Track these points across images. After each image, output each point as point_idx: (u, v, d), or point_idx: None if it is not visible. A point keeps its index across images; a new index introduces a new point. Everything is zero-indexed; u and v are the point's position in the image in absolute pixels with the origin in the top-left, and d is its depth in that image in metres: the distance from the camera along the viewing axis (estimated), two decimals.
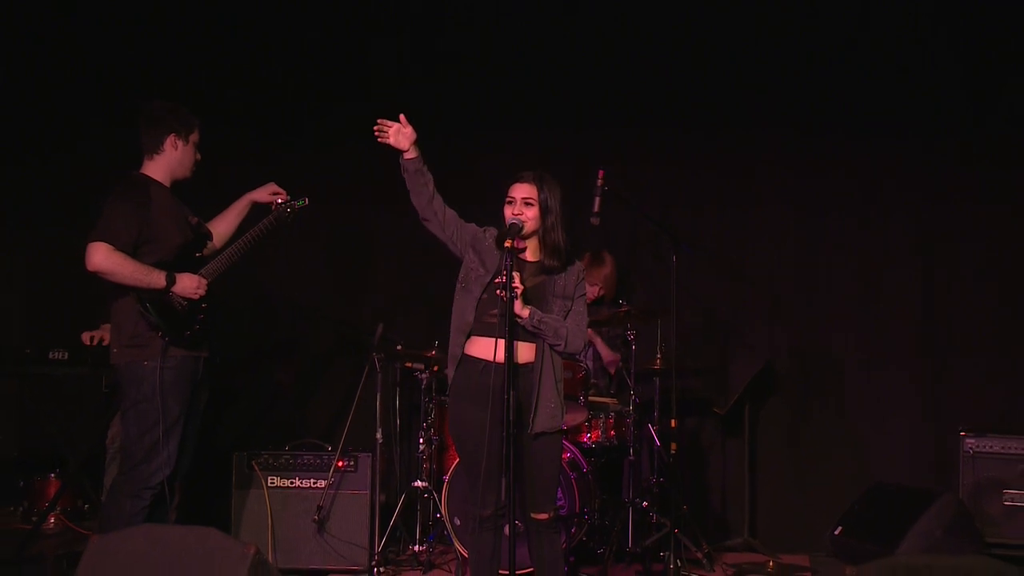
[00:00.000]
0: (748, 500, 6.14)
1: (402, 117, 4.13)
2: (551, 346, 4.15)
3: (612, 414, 5.63)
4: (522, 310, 4.04)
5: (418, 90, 6.28)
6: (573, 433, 5.48)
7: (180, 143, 4.63)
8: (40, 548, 5.51)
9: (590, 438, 5.55)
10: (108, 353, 4.62)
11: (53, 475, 6.06)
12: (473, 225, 4.26)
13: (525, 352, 4.13)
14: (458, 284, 4.23)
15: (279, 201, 4.82)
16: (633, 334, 5.68)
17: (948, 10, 6.05)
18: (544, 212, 4.15)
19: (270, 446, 5.55)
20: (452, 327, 4.22)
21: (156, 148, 4.61)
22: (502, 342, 3.99)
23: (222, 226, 4.85)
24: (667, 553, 5.24)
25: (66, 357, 5.40)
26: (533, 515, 4.18)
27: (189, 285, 4.52)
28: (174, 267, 4.50)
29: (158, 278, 4.44)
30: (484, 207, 4.38)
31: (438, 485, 5.45)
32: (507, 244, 4.02)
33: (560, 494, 4.96)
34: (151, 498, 4.46)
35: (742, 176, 6.30)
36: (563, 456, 4.66)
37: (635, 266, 6.34)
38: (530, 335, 4.12)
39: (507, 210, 4.17)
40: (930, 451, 6.03)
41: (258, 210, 4.88)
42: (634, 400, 5.60)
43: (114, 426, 5.42)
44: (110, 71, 6.45)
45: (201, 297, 4.56)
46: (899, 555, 4.67)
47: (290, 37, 6.50)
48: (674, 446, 5.42)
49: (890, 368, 6.14)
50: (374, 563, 5.33)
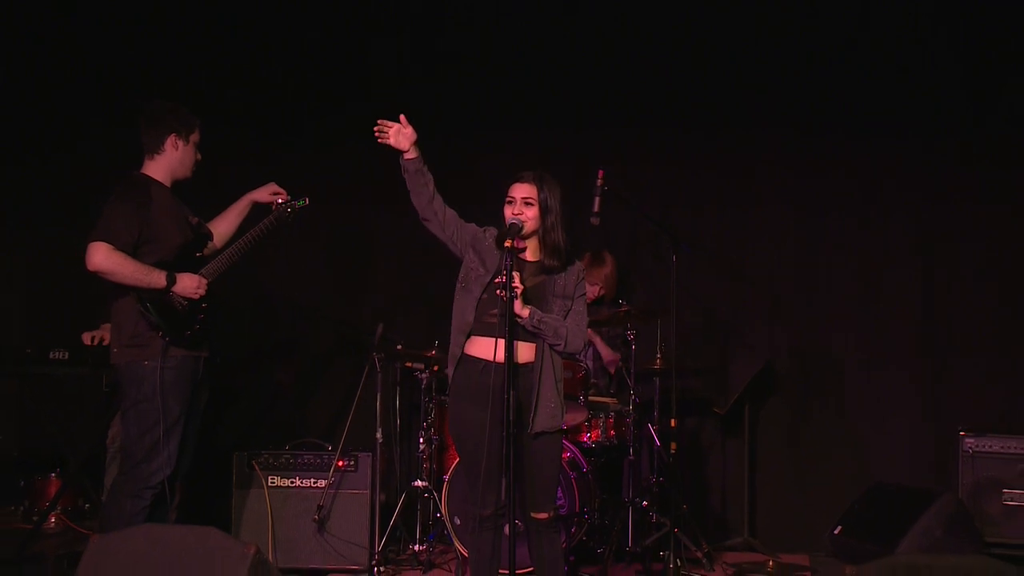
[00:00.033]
0: (748, 500, 6.14)
1: (402, 117, 4.13)
2: (551, 346, 4.15)
3: (612, 414, 5.63)
4: (522, 310, 4.04)
5: (418, 90, 6.28)
6: (573, 433, 5.48)
7: (181, 143, 4.63)
8: (41, 548, 5.51)
9: (590, 438, 5.56)
10: (108, 353, 4.62)
11: (54, 475, 6.06)
12: (473, 225, 4.26)
13: (525, 352, 4.13)
14: (458, 284, 4.23)
15: (279, 201, 4.82)
16: (633, 334, 5.68)
17: (948, 10, 6.05)
18: (544, 212, 4.15)
19: (270, 446, 5.55)
20: (452, 327, 4.22)
21: (156, 148, 4.61)
22: (502, 342, 4.00)
23: (222, 226, 4.85)
24: (667, 552, 5.23)
25: (66, 357, 5.39)
26: (533, 515, 4.18)
27: (189, 285, 4.52)
28: (174, 267, 4.50)
29: (158, 278, 4.44)
30: (484, 207, 4.37)
31: (438, 485, 5.45)
32: (507, 244, 4.02)
33: (560, 494, 4.96)
34: (151, 498, 4.47)
35: (742, 176, 6.30)
36: (563, 456, 4.66)
37: (635, 266, 6.34)
38: (530, 335, 4.12)
39: (507, 210, 4.17)
40: (930, 451, 6.03)
41: (258, 210, 4.88)
42: (634, 400, 5.61)
43: (114, 426, 5.42)
44: (110, 71, 6.45)
45: (201, 297, 4.56)
46: (899, 555, 4.67)
47: (290, 37, 6.50)
48: (674, 446, 5.41)
49: (890, 368, 6.14)
50: (374, 563, 5.33)
